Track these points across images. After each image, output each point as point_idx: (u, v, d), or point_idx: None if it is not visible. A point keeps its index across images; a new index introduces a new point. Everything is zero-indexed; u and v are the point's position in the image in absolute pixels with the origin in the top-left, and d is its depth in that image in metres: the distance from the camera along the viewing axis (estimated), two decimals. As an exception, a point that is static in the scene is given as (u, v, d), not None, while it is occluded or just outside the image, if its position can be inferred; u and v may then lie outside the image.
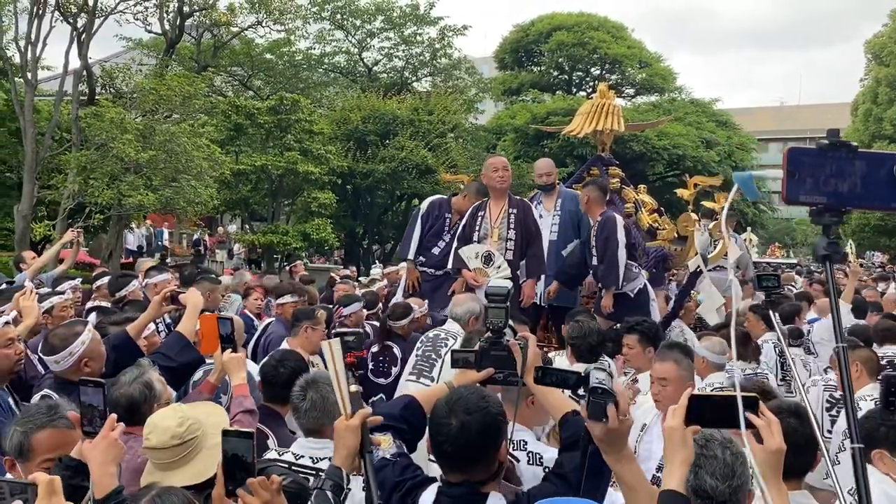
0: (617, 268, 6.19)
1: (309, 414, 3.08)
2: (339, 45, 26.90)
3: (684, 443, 1.81)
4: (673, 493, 1.78)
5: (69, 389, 3.51)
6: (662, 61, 33.28)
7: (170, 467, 2.52)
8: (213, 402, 3.04)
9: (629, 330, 4.78)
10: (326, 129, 18.61)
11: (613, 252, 6.19)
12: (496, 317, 2.70)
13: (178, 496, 1.95)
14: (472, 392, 2.34)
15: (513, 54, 34.34)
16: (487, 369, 2.66)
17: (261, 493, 2.02)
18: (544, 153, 26.68)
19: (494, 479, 2.32)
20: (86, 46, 13.00)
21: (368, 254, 22.64)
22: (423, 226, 6.88)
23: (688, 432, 1.82)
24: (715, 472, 2.29)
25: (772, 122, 64.56)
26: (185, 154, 11.52)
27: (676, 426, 1.81)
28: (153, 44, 20.09)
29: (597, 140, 7.80)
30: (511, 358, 2.63)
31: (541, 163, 7.15)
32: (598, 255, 6.28)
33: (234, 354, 3.34)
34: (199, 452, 2.54)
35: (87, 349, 3.54)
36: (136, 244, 19.30)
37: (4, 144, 14.66)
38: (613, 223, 6.31)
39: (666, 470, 1.84)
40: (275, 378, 3.72)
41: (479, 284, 6.12)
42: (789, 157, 1.49)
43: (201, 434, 2.56)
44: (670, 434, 1.83)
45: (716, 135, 28.23)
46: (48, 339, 3.59)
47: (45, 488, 1.48)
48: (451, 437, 2.21)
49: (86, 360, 3.56)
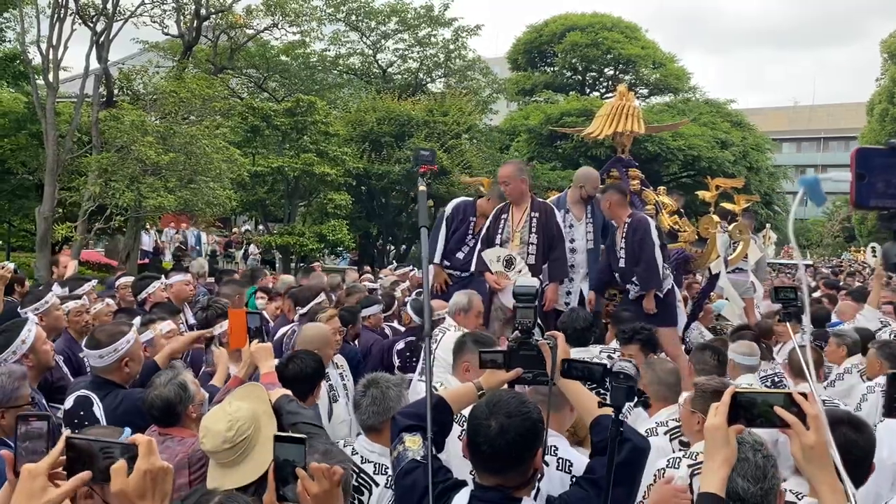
0: (656, 269, 6.19)
1: (369, 410, 3.13)
2: (354, 46, 26.94)
3: (727, 442, 1.75)
4: (713, 496, 1.73)
5: (107, 389, 3.58)
6: (676, 61, 33.15)
7: (228, 465, 2.58)
8: (252, 383, 3.05)
9: (628, 340, 4.66)
10: (342, 130, 18.66)
11: (650, 254, 6.18)
12: (525, 316, 2.69)
13: (242, 503, 1.95)
14: (513, 396, 2.34)
15: (526, 55, 34.30)
16: (516, 369, 2.64)
17: (322, 481, 2.03)
18: (558, 154, 26.66)
19: (528, 485, 2.31)
20: (105, 50, 13.09)
21: (383, 255, 22.66)
22: (448, 229, 6.89)
23: (731, 431, 1.76)
24: (746, 474, 2.28)
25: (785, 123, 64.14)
26: (205, 156, 11.60)
27: (719, 424, 1.76)
28: (169, 46, 20.22)
29: (616, 142, 7.78)
30: (540, 358, 2.62)
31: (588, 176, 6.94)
32: (627, 257, 6.27)
33: (262, 344, 3.35)
34: (254, 447, 2.59)
35: (131, 349, 3.65)
36: (150, 245, 19.42)
37: (25, 147, 14.78)
38: (646, 225, 6.31)
39: (705, 470, 1.79)
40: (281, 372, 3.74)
41: (500, 288, 6.14)
42: (858, 158, 1.36)
43: (253, 430, 2.60)
44: (712, 433, 1.77)
45: (730, 135, 28.09)
46: (94, 335, 3.68)
47: (144, 448, 1.59)
48: (490, 438, 2.21)
49: (127, 360, 3.66)
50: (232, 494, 2.08)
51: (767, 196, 29.46)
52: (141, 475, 1.57)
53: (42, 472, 1.59)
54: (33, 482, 1.58)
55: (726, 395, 1.78)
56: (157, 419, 3.22)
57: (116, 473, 1.57)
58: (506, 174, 6.39)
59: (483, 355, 2.74)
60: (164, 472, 1.61)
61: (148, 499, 1.57)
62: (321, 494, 2.05)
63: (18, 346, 3.86)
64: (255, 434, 2.60)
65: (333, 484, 2.05)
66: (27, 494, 1.57)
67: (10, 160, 14.81)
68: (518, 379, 2.66)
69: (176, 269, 7.46)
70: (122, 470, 1.57)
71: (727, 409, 1.76)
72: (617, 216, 6.38)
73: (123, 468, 1.57)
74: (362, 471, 2.96)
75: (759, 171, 29.14)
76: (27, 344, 3.88)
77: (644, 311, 6.24)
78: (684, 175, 27.39)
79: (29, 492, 1.57)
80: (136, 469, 1.57)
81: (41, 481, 1.59)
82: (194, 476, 2.98)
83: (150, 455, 1.59)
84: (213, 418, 2.62)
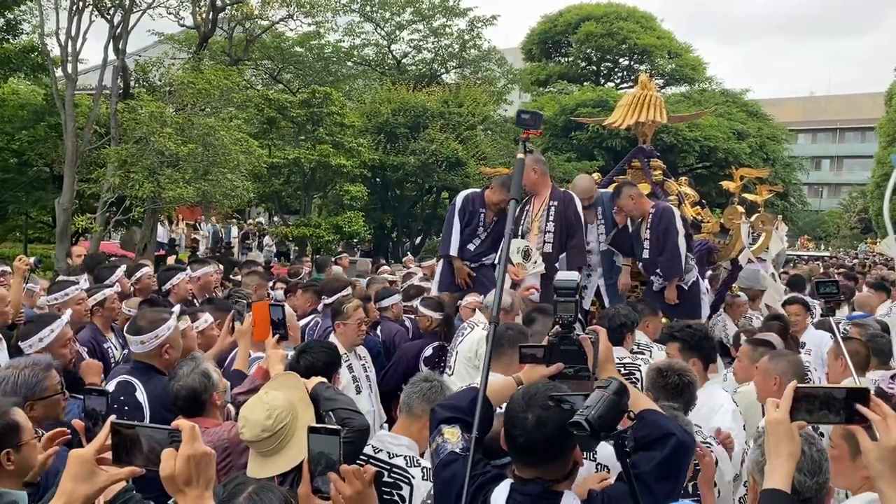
0: (679, 259, 6.14)
1: (428, 395, 3.09)
2: (369, 37, 26.89)
3: (791, 437, 1.73)
4: (777, 492, 1.71)
5: (149, 375, 3.60)
6: (692, 51, 32.91)
7: (268, 454, 2.60)
8: (286, 373, 3.07)
9: (669, 338, 4.28)
10: (357, 122, 18.65)
11: (674, 243, 6.14)
12: (565, 310, 2.62)
13: (276, 494, 1.94)
14: (550, 388, 2.31)
15: (540, 45, 34.18)
16: (557, 364, 2.59)
17: (354, 482, 2.02)
18: (573, 145, 26.54)
19: (568, 479, 2.28)
20: (123, 42, 13.12)
21: (398, 246, 22.68)
22: (461, 221, 6.87)
23: (793, 427, 1.74)
24: (802, 467, 2.26)
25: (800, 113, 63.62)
26: (223, 147, 11.62)
27: (782, 419, 1.74)
28: (184, 38, 20.25)
29: (638, 132, 7.71)
30: (581, 352, 2.56)
31: (576, 185, 6.98)
32: (651, 247, 6.23)
33: (277, 351, 3.41)
34: (293, 435, 2.60)
35: (171, 336, 3.69)
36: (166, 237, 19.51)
37: (43, 139, 14.86)
38: (671, 214, 6.27)
39: (769, 466, 1.77)
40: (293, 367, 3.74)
41: (519, 279, 6.14)
42: None
43: (291, 418, 2.61)
44: (775, 427, 1.75)
45: (746, 126, 27.89)
46: (136, 320, 3.74)
47: (188, 434, 1.60)
48: (527, 430, 2.19)
49: (167, 347, 3.70)
50: (266, 484, 2.08)
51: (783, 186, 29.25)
52: (185, 461, 1.58)
53: (90, 457, 1.63)
54: (81, 466, 1.62)
55: (788, 390, 1.75)
56: (184, 409, 3.25)
57: (166, 459, 1.59)
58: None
59: (523, 350, 2.70)
60: (207, 458, 1.62)
61: (193, 484, 1.59)
62: (354, 496, 2.06)
63: (46, 335, 3.94)
64: (293, 422, 2.61)
65: (366, 484, 2.05)
66: (74, 478, 1.62)
67: (29, 152, 14.90)
68: (559, 374, 2.60)
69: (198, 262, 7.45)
70: (172, 456, 1.58)
71: (790, 403, 1.74)
72: (642, 208, 6.33)
73: (173, 454, 1.58)
74: (393, 466, 2.93)
75: (775, 162, 28.92)
76: (54, 333, 3.94)
77: (666, 303, 6.20)
78: (700, 166, 27.23)
79: (76, 475, 1.62)
80: (180, 455, 1.58)
81: (89, 466, 1.63)
82: (221, 465, 3.00)
83: (193, 441, 1.60)
84: (251, 408, 2.62)
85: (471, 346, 4.89)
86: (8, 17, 14.83)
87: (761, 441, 2.48)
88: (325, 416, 2.71)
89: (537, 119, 2.97)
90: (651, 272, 6.37)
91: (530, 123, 2.95)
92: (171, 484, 1.58)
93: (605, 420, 2.00)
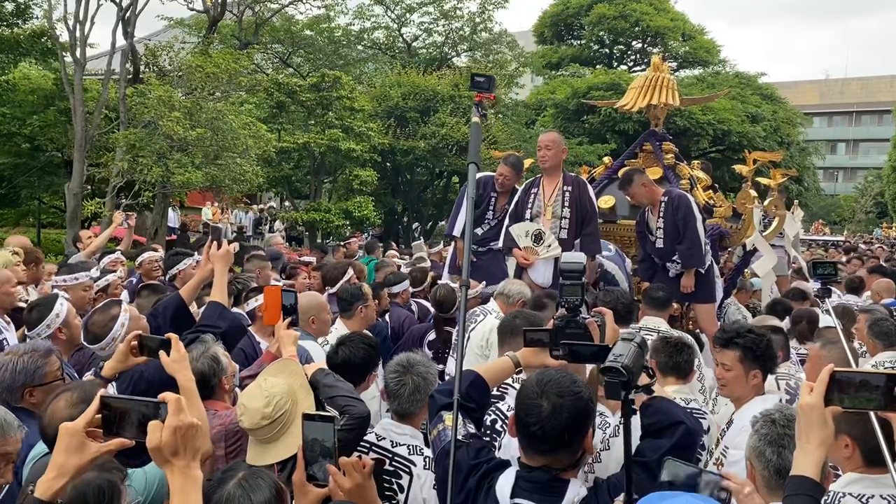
0: (700, 247, 6.01)
1: (412, 398, 2.97)
2: (379, 20, 26.68)
3: (824, 422, 1.66)
4: (806, 480, 1.65)
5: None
6: (706, 33, 32.55)
7: (268, 441, 2.56)
8: (284, 358, 3.02)
9: (726, 343, 3.45)
10: (367, 106, 18.56)
11: (694, 230, 6.00)
12: (571, 293, 2.60)
13: (265, 480, 1.93)
14: (563, 375, 2.26)
15: (552, 28, 33.89)
16: (560, 361, 2.53)
17: (353, 474, 1.99)
18: (585, 129, 26.37)
19: (576, 467, 2.26)
20: (132, 25, 13.09)
21: (408, 231, 22.63)
22: None
23: (827, 412, 1.67)
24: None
25: (816, 96, 62.98)
26: (231, 132, 11.59)
27: (816, 404, 1.67)
28: (194, 22, 20.18)
29: (650, 115, 7.58)
30: (588, 335, 2.54)
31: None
32: (666, 236, 6.10)
33: (289, 332, 3.33)
34: (293, 422, 2.56)
35: (129, 329, 3.44)
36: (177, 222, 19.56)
37: (53, 123, 14.87)
38: (687, 201, 6.11)
39: (799, 451, 1.71)
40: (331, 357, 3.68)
41: (528, 263, 6.03)
42: None
43: (290, 405, 2.58)
44: (808, 412, 1.68)
45: (761, 109, 27.59)
46: (88, 329, 3.50)
47: (173, 405, 1.63)
48: (542, 419, 2.15)
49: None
50: (256, 470, 2.09)
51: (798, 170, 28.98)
52: (171, 432, 1.60)
53: (80, 429, 1.67)
54: (71, 439, 1.66)
55: (824, 374, 1.68)
56: None
57: (152, 430, 1.61)
58: (549, 138, 6.27)
59: (528, 334, 2.66)
60: (193, 429, 1.63)
61: (180, 455, 1.61)
62: (354, 489, 2.04)
63: (52, 320, 3.87)
64: (293, 408, 2.58)
65: (365, 476, 2.03)
66: (66, 450, 1.66)
67: (39, 137, 14.93)
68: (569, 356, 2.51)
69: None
70: (158, 427, 1.61)
71: (824, 387, 1.67)
72: (653, 196, 6.19)
73: (159, 426, 1.61)
74: (395, 454, 2.88)
75: (791, 145, 28.63)
76: (61, 318, 3.89)
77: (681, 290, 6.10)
78: (713, 150, 26.98)
79: (66, 447, 1.66)
80: (165, 426, 1.61)
81: (79, 437, 1.67)
82: (230, 449, 2.99)
83: (178, 412, 1.62)
84: (250, 395, 2.59)
85: (483, 335, 4.83)
86: (18, 2, 14.81)
87: (758, 426, 2.43)
88: (325, 403, 2.67)
89: (491, 82, 3.04)
90: (666, 260, 6.24)
91: (484, 86, 3.00)
92: (158, 455, 1.61)
93: (632, 370, 2.02)
